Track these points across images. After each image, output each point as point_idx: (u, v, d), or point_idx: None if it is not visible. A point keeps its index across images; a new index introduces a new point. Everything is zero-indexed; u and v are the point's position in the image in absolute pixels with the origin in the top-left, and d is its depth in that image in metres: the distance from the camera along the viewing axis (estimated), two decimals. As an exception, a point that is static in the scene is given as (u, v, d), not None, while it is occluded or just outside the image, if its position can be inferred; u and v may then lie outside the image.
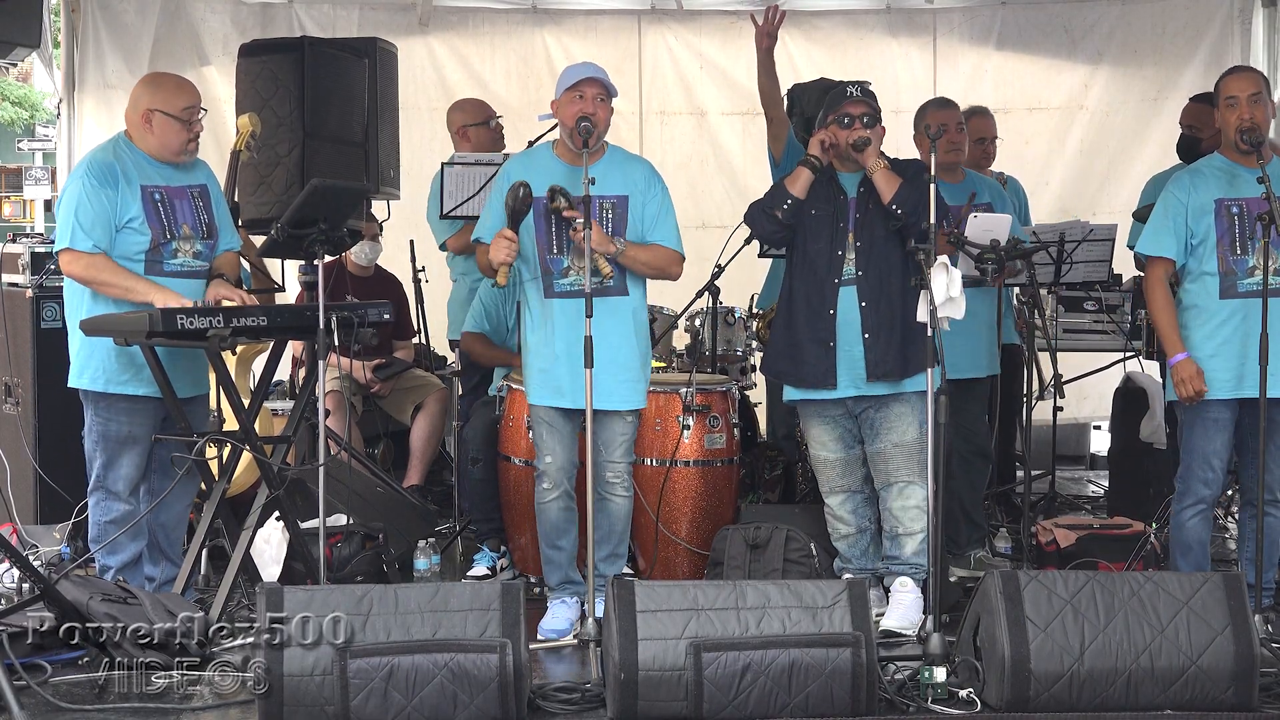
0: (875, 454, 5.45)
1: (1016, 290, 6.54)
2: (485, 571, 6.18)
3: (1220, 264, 5.29)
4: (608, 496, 5.39)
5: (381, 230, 7.27)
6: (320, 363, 5.20)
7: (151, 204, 5.24)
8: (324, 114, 6.27)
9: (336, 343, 5.16)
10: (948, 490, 6.44)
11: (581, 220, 5.08)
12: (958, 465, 6.34)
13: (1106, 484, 7.98)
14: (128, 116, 5.35)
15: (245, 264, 6.07)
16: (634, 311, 5.39)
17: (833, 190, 5.44)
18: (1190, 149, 6.85)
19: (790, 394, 5.59)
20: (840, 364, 5.36)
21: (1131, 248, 7.00)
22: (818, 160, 5.39)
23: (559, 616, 5.37)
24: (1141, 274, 7.03)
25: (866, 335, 5.34)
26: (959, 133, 6.27)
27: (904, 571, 5.44)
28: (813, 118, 7.19)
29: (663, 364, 7.29)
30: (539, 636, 5.21)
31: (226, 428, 5.30)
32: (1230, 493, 6.80)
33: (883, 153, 5.40)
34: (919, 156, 6.36)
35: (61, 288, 5.46)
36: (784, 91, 7.58)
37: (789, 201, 5.38)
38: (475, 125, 7.01)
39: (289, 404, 6.62)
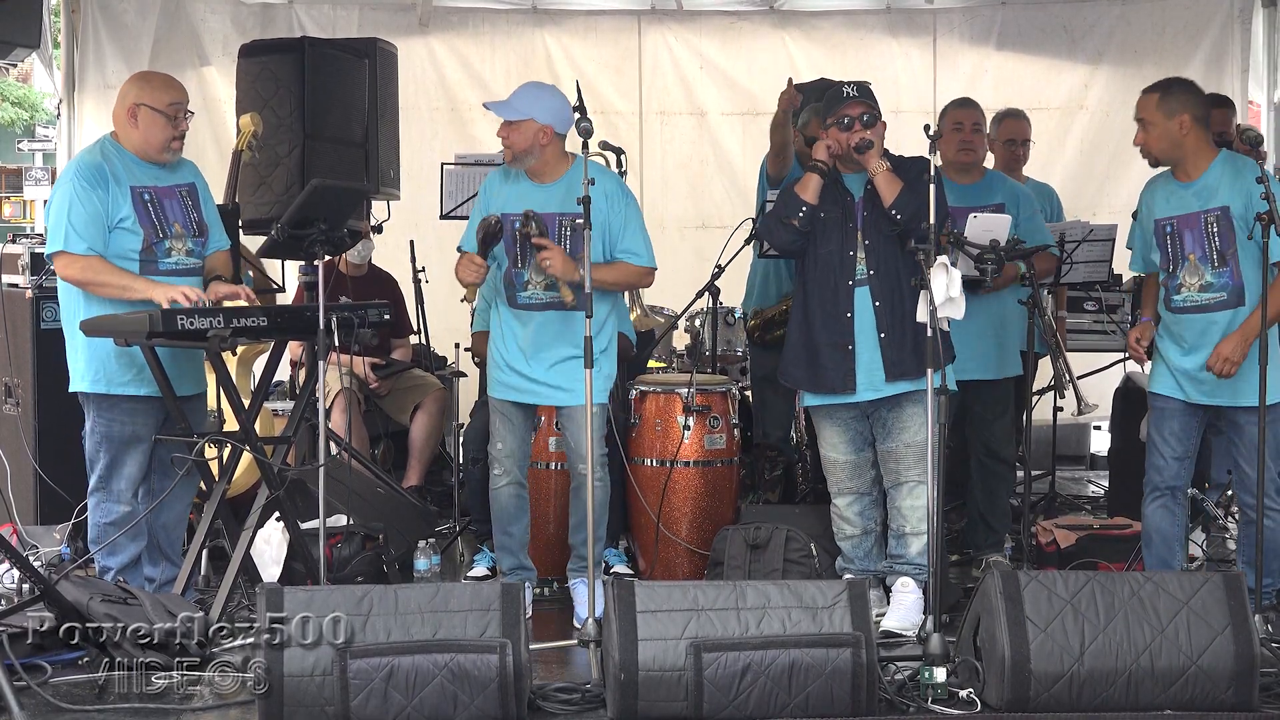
0: (886, 453, 5.45)
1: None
2: (485, 571, 6.18)
3: (1164, 279, 5.40)
4: (584, 486, 5.45)
5: (380, 229, 7.26)
6: (321, 363, 5.20)
7: (142, 204, 5.23)
8: (324, 114, 6.28)
9: (336, 343, 5.16)
10: (969, 497, 6.43)
11: (545, 250, 5.30)
12: (975, 470, 6.31)
13: (1106, 484, 7.98)
14: (115, 114, 5.36)
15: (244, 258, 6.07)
16: (597, 322, 5.43)
17: (838, 192, 5.43)
18: None
19: (809, 399, 5.60)
20: (859, 366, 5.37)
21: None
22: (824, 165, 5.38)
23: (582, 595, 5.45)
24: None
25: (883, 335, 5.34)
26: (973, 133, 6.21)
27: (907, 571, 5.43)
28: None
29: (663, 364, 7.30)
30: None
31: (226, 428, 5.30)
32: (1229, 493, 6.80)
33: (887, 151, 5.39)
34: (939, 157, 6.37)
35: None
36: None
37: (804, 209, 5.37)
38: None
39: (289, 404, 6.62)
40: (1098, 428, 8.88)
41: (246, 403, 5.42)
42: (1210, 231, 5.22)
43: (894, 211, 5.25)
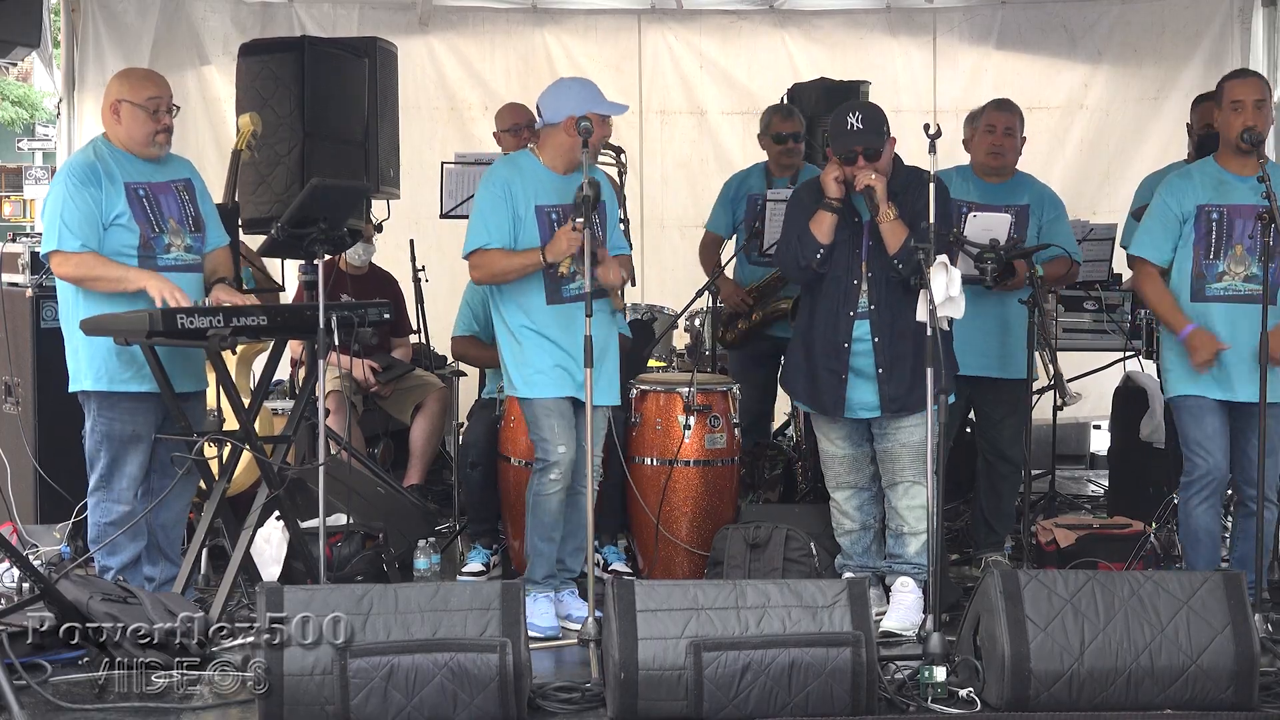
0: (884, 453, 5.45)
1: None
2: (480, 568, 6.19)
3: (1193, 267, 5.35)
4: (581, 490, 5.37)
5: (380, 229, 7.26)
6: (321, 362, 5.20)
7: (136, 200, 5.23)
8: (324, 113, 6.28)
9: (336, 342, 5.16)
10: (971, 491, 6.43)
11: (603, 264, 5.28)
12: (981, 470, 6.31)
13: (1106, 484, 7.98)
14: (102, 112, 5.38)
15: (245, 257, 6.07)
16: (613, 311, 5.57)
17: (846, 212, 5.37)
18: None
19: (804, 406, 5.67)
20: (852, 394, 5.38)
21: (1125, 247, 6.99)
22: (836, 202, 5.31)
23: (546, 613, 5.37)
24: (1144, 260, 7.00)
25: (880, 370, 5.33)
26: (1004, 136, 6.14)
27: (906, 571, 5.44)
28: (813, 117, 7.23)
29: (663, 364, 7.30)
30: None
31: (226, 427, 5.30)
32: (1229, 492, 6.80)
33: (897, 156, 5.35)
34: (968, 156, 6.36)
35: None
36: (784, 91, 7.61)
37: (820, 251, 5.33)
38: (503, 132, 7.01)
39: (289, 404, 6.62)
40: (1097, 427, 8.88)
41: (246, 402, 5.42)
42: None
43: (897, 262, 5.22)
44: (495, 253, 5.32)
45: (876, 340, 5.32)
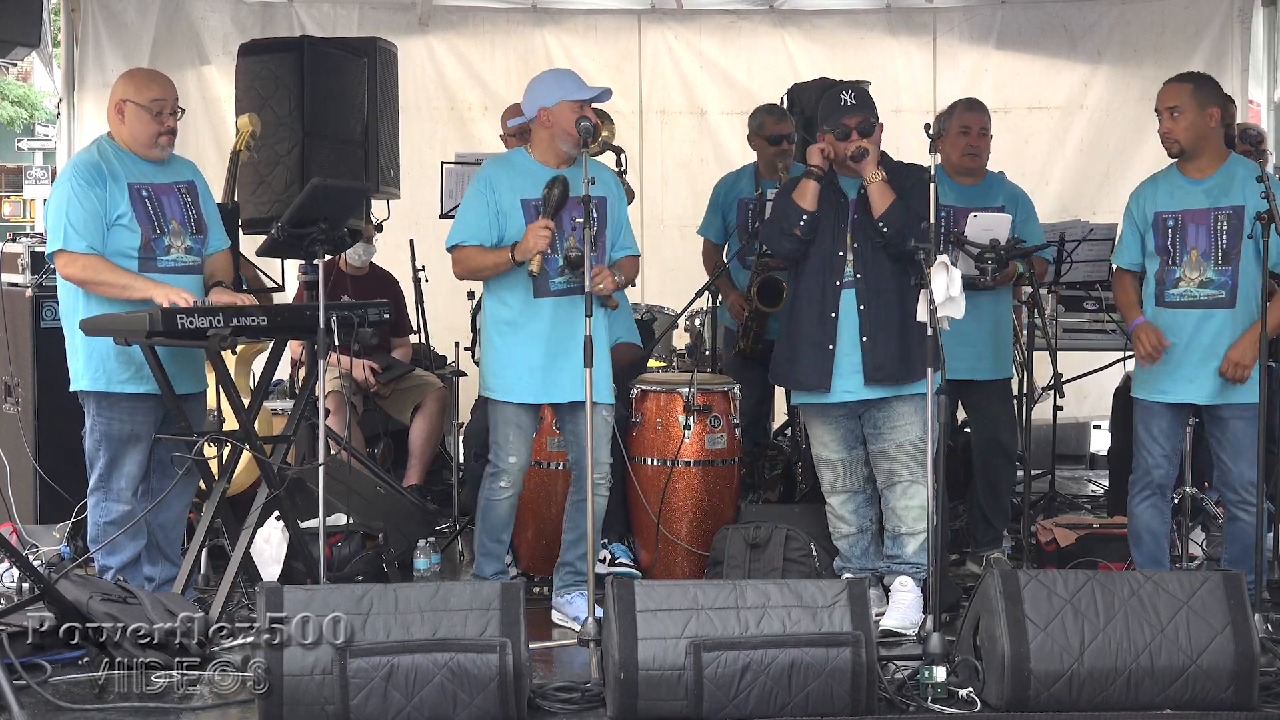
0: (878, 453, 5.45)
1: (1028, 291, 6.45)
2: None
3: (1158, 273, 5.39)
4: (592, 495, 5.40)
5: (380, 229, 7.26)
6: (321, 362, 5.20)
7: (139, 200, 5.24)
8: (323, 113, 6.28)
9: (336, 342, 5.16)
10: (969, 491, 6.44)
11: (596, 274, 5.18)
12: (978, 464, 6.32)
13: (1106, 483, 7.98)
14: (107, 112, 5.38)
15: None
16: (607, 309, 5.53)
17: (832, 192, 5.42)
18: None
19: (795, 398, 5.64)
20: (837, 367, 5.37)
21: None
22: (819, 170, 5.36)
23: (579, 605, 5.41)
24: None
25: (864, 339, 5.34)
26: (979, 137, 6.17)
27: (905, 571, 5.44)
28: (813, 117, 7.22)
29: (663, 364, 7.30)
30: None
31: (226, 427, 5.30)
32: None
33: (885, 154, 5.38)
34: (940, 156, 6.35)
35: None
36: (784, 91, 7.61)
37: (804, 218, 5.36)
38: (509, 135, 6.99)
39: (289, 404, 6.62)
40: (1097, 427, 8.89)
41: (246, 402, 5.42)
42: (1219, 229, 5.24)
43: (882, 224, 5.25)
44: (471, 249, 5.37)
45: (862, 308, 5.34)
